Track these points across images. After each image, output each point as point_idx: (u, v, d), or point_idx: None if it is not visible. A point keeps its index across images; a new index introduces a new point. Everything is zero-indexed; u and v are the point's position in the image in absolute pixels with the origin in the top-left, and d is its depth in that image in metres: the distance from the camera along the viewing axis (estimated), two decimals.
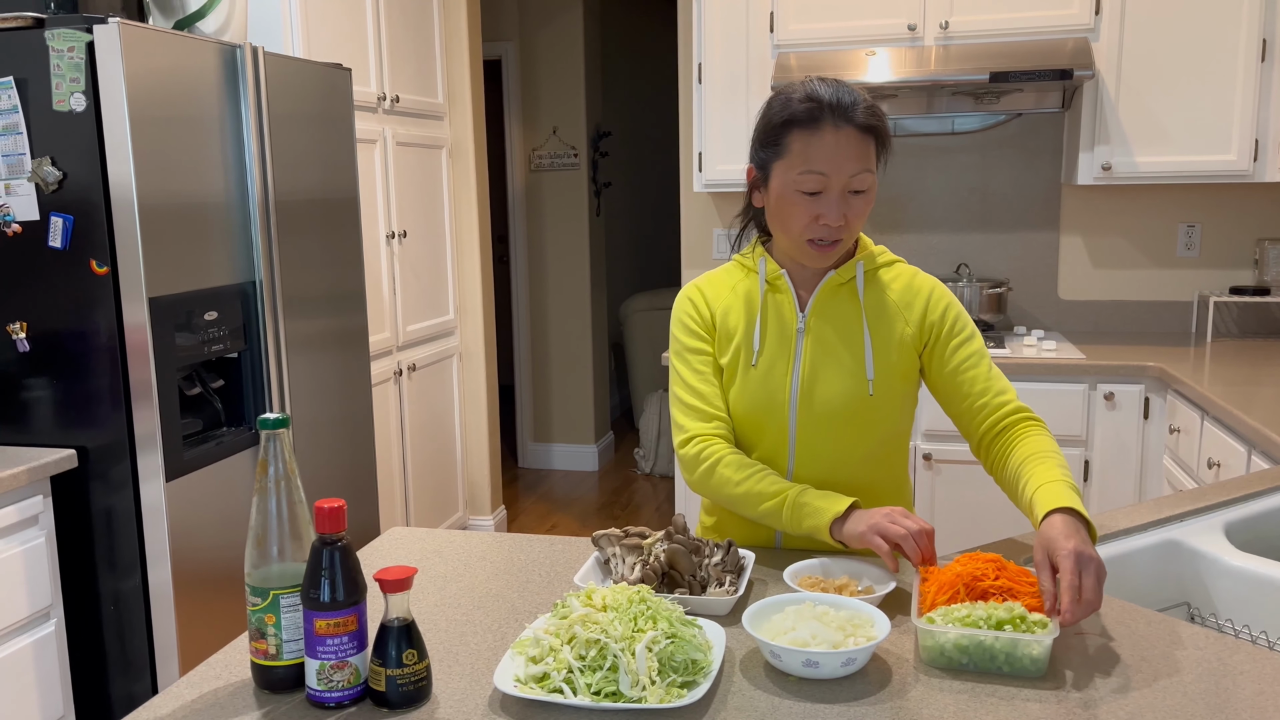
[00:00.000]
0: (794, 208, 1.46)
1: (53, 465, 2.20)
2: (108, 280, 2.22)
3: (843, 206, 1.44)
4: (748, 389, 1.54)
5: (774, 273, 1.56)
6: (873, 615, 1.21)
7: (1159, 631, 1.25)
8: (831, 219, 1.44)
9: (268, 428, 1.13)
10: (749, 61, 3.42)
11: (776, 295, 1.56)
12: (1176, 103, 3.18)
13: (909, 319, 1.53)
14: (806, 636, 1.16)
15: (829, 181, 1.43)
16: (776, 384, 1.53)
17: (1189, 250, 3.58)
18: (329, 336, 2.92)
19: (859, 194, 1.45)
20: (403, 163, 3.63)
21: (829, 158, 1.42)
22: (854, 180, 1.43)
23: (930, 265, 3.76)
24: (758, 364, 1.54)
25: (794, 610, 1.23)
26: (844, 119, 1.42)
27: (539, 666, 1.11)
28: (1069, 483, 1.35)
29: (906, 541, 1.33)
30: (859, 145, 1.43)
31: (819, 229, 1.46)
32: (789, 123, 1.44)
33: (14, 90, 2.18)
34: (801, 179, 1.44)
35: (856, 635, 1.17)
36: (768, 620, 1.22)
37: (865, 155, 1.44)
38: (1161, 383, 3.02)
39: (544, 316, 5.38)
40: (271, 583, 1.13)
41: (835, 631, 1.16)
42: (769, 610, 1.24)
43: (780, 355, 1.54)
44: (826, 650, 1.13)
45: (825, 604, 1.24)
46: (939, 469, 3.18)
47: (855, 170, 1.43)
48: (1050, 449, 1.43)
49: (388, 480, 3.55)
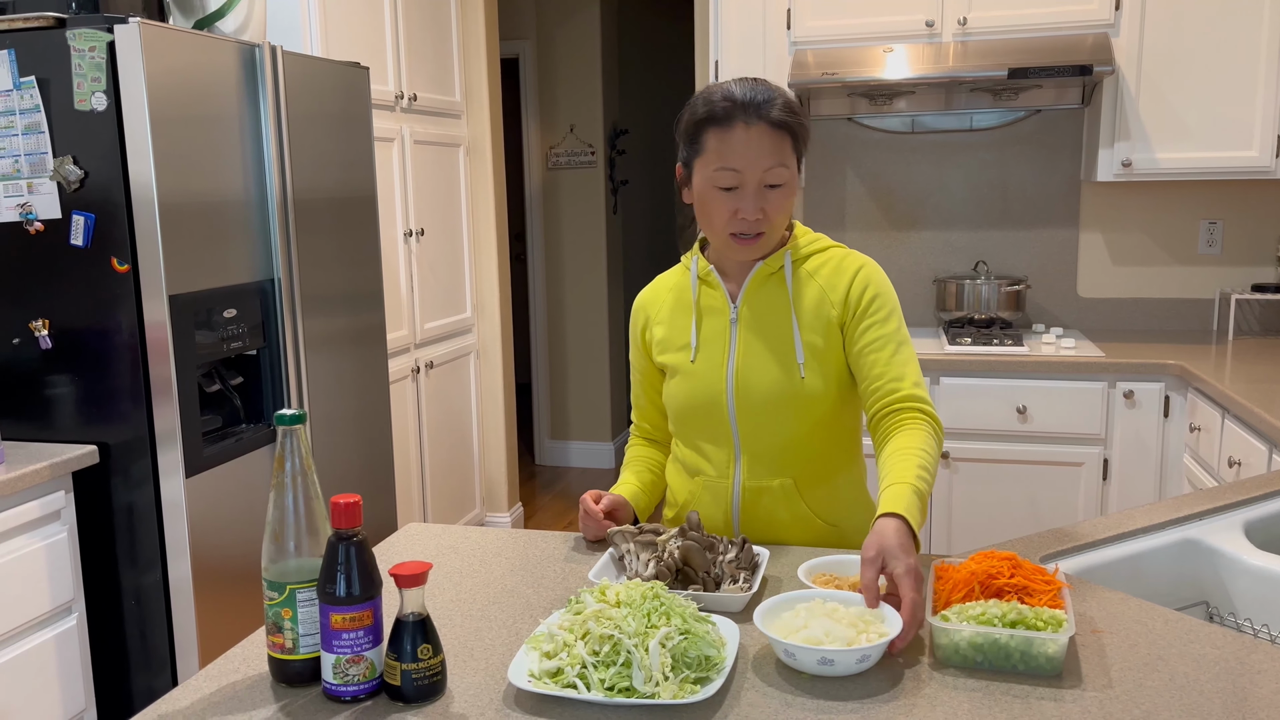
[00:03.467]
0: (713, 204, 1.51)
1: (74, 461, 2.22)
2: (128, 278, 2.24)
3: (759, 201, 1.49)
4: (688, 384, 1.60)
5: (704, 269, 1.61)
6: (884, 611, 1.21)
7: (1177, 630, 1.24)
8: (748, 213, 1.49)
9: (284, 424, 1.14)
10: (766, 59, 3.42)
11: (709, 290, 1.61)
12: (1198, 98, 3.15)
13: (834, 301, 1.56)
14: (819, 634, 1.15)
15: (743, 177, 1.48)
16: (714, 376, 1.58)
17: (1210, 247, 3.55)
18: (347, 334, 2.94)
19: (775, 188, 1.49)
20: (420, 161, 3.65)
21: (741, 154, 1.47)
22: (768, 175, 1.48)
23: (948, 263, 3.75)
24: (695, 360, 1.59)
25: (805, 607, 1.23)
26: (756, 116, 1.47)
27: (553, 662, 1.11)
28: (915, 486, 1.35)
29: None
30: (772, 140, 1.47)
31: (738, 223, 1.50)
32: (705, 121, 1.50)
33: (36, 90, 2.20)
34: (717, 175, 1.49)
35: (869, 631, 1.17)
36: (779, 618, 1.22)
37: (779, 150, 1.48)
38: (1182, 381, 3.00)
39: (561, 314, 5.39)
40: (288, 577, 1.14)
41: (848, 628, 1.16)
42: (779, 608, 1.24)
43: (716, 348, 1.59)
44: (841, 648, 1.12)
45: (836, 600, 1.24)
46: (957, 467, 3.17)
47: (768, 165, 1.47)
48: (917, 445, 1.43)
49: (405, 477, 3.56)
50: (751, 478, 1.58)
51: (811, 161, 3.81)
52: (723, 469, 1.60)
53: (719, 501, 1.61)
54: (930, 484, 1.41)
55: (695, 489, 1.64)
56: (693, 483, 1.64)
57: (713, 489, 1.61)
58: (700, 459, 1.62)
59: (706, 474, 1.62)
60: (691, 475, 1.65)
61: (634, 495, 1.66)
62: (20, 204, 2.25)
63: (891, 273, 3.81)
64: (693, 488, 1.64)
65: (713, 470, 1.61)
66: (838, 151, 3.81)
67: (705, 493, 1.62)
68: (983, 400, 3.12)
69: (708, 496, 1.62)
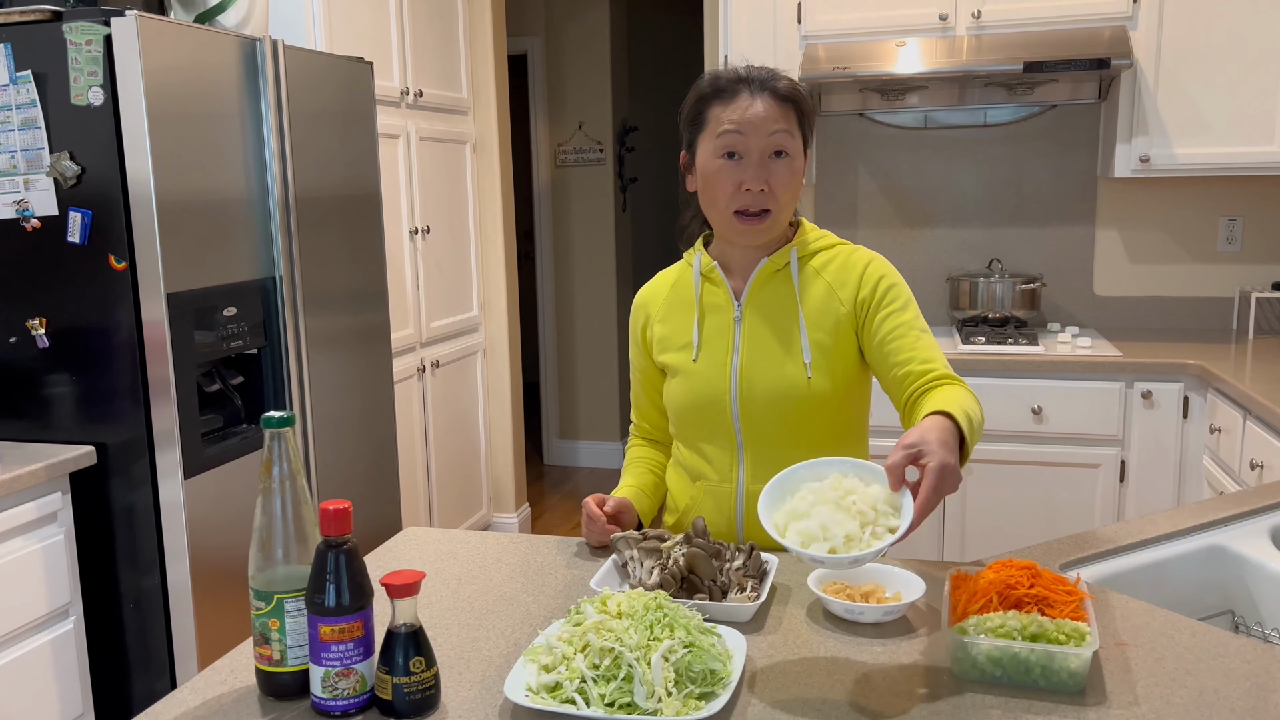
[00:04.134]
0: (717, 177, 1.47)
1: (71, 462, 2.18)
2: (126, 276, 2.20)
3: (764, 171, 1.44)
4: (689, 383, 1.55)
5: (707, 265, 1.57)
6: (903, 501, 1.11)
7: (1203, 643, 1.19)
8: (753, 183, 1.44)
9: (272, 426, 1.10)
10: (776, 54, 3.36)
11: (712, 287, 1.57)
12: (1218, 93, 3.09)
13: (843, 298, 1.51)
14: (816, 528, 1.09)
15: (747, 142, 1.44)
16: (716, 375, 1.53)
17: (1230, 245, 3.48)
18: (350, 333, 2.90)
19: (781, 157, 1.45)
20: (426, 158, 3.60)
21: (744, 118, 1.44)
22: (773, 139, 1.44)
23: (962, 260, 3.69)
24: (697, 359, 1.55)
25: (814, 489, 1.15)
26: (760, 88, 1.45)
27: (551, 675, 1.06)
28: (966, 411, 1.26)
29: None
30: (777, 108, 1.45)
31: (743, 197, 1.46)
32: (709, 96, 1.48)
33: (32, 84, 2.16)
34: (721, 141, 1.45)
35: (876, 524, 1.11)
36: (784, 502, 1.16)
37: (784, 117, 1.45)
38: (1201, 381, 2.94)
39: (569, 313, 5.34)
40: (276, 586, 1.10)
41: (851, 519, 1.10)
42: (786, 488, 1.17)
43: (719, 347, 1.54)
44: (828, 555, 1.06)
45: (857, 474, 1.16)
46: (970, 468, 3.11)
47: (772, 129, 1.44)
48: (961, 395, 1.33)
49: (410, 477, 3.52)
50: (755, 481, 1.53)
51: (823, 157, 3.76)
52: (725, 473, 1.55)
53: (721, 507, 1.56)
54: (979, 424, 1.30)
55: (697, 494, 1.59)
56: (694, 488, 1.59)
57: (715, 494, 1.56)
58: (702, 462, 1.57)
59: (708, 478, 1.57)
60: (693, 480, 1.60)
61: (636, 498, 1.61)
62: (17, 200, 2.22)
63: (904, 271, 3.72)
64: (694, 493, 1.59)
65: (715, 474, 1.56)
66: (849, 147, 3.75)
67: (707, 498, 1.57)
68: (997, 400, 3.07)
69: (710, 502, 1.57)
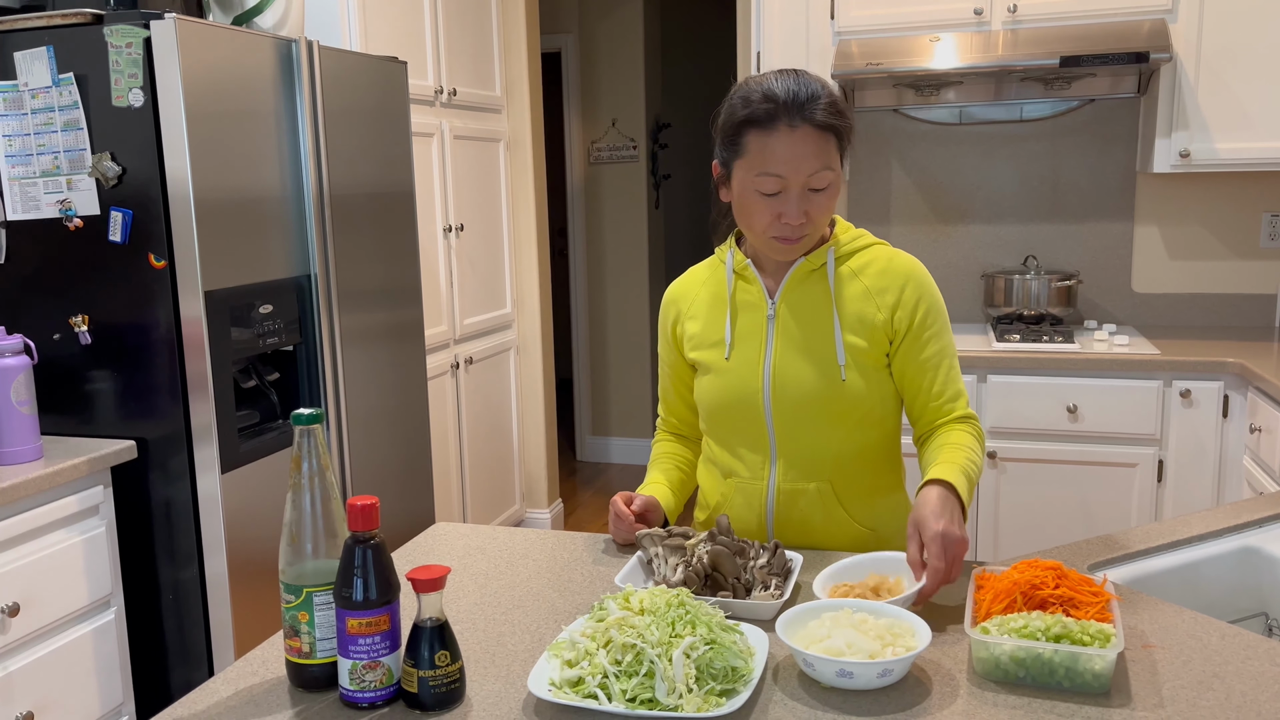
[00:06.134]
0: (754, 206, 1.45)
1: (112, 456, 2.23)
2: (165, 274, 2.24)
3: (803, 204, 1.43)
4: (721, 381, 1.55)
5: (740, 263, 1.56)
6: (914, 624, 1.16)
7: (1233, 645, 1.17)
8: (792, 218, 1.43)
9: (301, 423, 1.12)
10: (809, 50, 3.35)
11: (746, 285, 1.56)
12: (1260, 86, 3.03)
13: (881, 304, 1.51)
14: (841, 645, 1.11)
15: (787, 183, 1.42)
16: (749, 374, 1.53)
17: (1273, 241, 3.42)
18: (384, 330, 2.93)
19: (820, 191, 1.44)
20: (460, 156, 3.63)
21: (785, 159, 1.41)
22: (813, 179, 1.42)
23: (998, 257, 3.65)
24: (730, 357, 1.54)
25: (831, 617, 1.18)
26: (799, 117, 1.40)
27: (574, 671, 1.07)
28: (963, 466, 1.40)
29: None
30: (816, 143, 1.41)
31: (781, 227, 1.45)
32: (745, 122, 1.43)
33: (75, 86, 2.21)
34: (760, 181, 1.43)
35: (895, 645, 1.12)
36: (804, 627, 1.18)
37: (823, 153, 1.42)
38: (1242, 379, 2.89)
39: (603, 309, 5.36)
40: (305, 580, 1.12)
41: (873, 640, 1.11)
42: (805, 616, 1.19)
43: (751, 345, 1.54)
44: (861, 660, 1.07)
45: (865, 611, 1.19)
46: (1004, 467, 3.08)
47: (813, 169, 1.41)
48: (967, 444, 1.46)
49: (444, 473, 3.55)
50: (787, 480, 1.53)
51: (856, 154, 3.74)
52: (756, 470, 1.56)
53: (752, 504, 1.56)
54: (977, 474, 1.43)
55: (728, 491, 1.59)
56: (725, 484, 1.60)
57: (745, 491, 1.57)
58: (733, 459, 1.58)
59: (740, 475, 1.57)
60: (724, 476, 1.60)
61: (663, 495, 1.62)
62: (60, 200, 2.27)
63: (938, 267, 3.72)
64: (725, 489, 1.60)
65: (746, 471, 1.56)
66: (883, 143, 3.73)
67: (738, 495, 1.58)
68: (1032, 399, 3.04)
69: (740, 499, 1.57)
